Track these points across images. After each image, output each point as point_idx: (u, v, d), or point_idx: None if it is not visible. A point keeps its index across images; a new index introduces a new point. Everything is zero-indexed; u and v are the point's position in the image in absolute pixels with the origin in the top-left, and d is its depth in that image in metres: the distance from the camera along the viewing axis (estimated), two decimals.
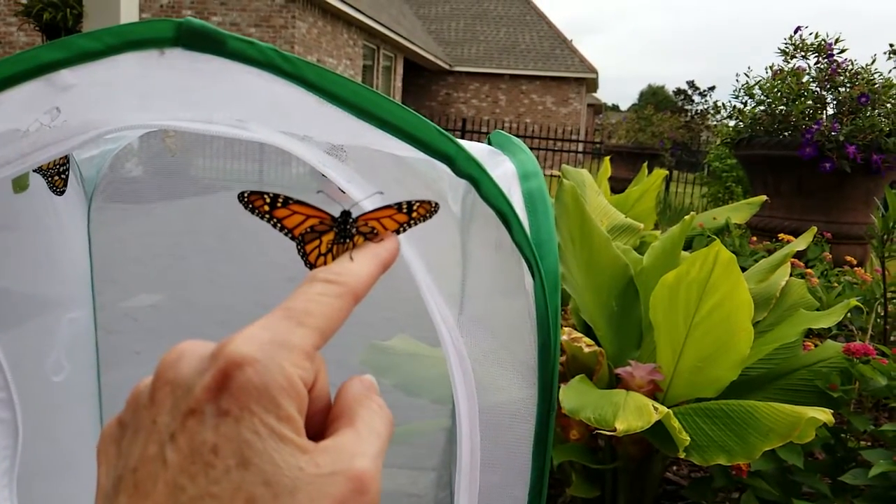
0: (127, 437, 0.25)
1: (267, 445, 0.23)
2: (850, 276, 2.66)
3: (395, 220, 0.36)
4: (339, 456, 0.24)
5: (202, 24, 0.47)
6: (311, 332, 0.27)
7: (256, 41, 0.48)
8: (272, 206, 0.36)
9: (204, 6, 10.98)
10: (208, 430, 0.23)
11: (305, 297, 0.28)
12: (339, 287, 0.29)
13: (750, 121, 3.60)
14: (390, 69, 15.89)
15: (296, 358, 0.25)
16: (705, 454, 1.07)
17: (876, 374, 1.28)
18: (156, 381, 0.26)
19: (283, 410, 0.24)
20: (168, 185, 1.05)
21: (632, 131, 10.10)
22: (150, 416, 0.25)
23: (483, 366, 0.60)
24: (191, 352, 0.26)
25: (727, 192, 7.78)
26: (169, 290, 1.28)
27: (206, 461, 0.23)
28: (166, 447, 0.23)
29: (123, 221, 1.11)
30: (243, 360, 0.24)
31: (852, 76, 3.44)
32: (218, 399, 0.23)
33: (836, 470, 1.32)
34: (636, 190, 2.50)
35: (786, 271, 1.54)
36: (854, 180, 3.26)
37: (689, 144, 11.46)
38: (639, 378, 1.27)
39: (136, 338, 1.16)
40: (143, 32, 0.46)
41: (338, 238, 0.36)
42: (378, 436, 0.26)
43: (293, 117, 0.54)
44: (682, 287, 1.20)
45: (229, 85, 0.50)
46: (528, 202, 0.57)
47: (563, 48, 19.98)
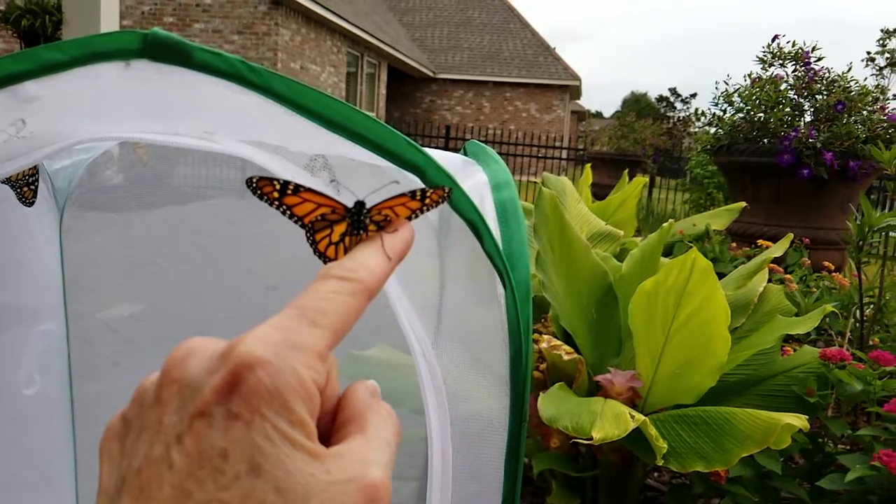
0: (131, 435, 0.25)
1: (279, 451, 0.22)
2: (828, 282, 2.69)
3: (408, 208, 0.35)
4: (352, 463, 0.24)
5: (168, 36, 0.47)
6: (324, 333, 0.26)
7: (223, 52, 0.48)
8: (282, 192, 0.35)
9: (186, 13, 10.95)
10: (217, 433, 0.22)
11: (318, 294, 0.27)
12: (353, 284, 0.28)
13: (729, 128, 3.64)
14: (374, 76, 15.89)
15: (308, 360, 0.24)
16: (683, 461, 1.07)
17: (852, 378, 1.29)
18: (162, 378, 0.25)
19: (295, 414, 0.23)
20: (148, 194, 1.04)
21: (614, 138, 10.17)
22: (156, 416, 0.24)
23: (458, 376, 0.60)
24: (200, 350, 0.25)
25: (709, 198, 7.85)
26: (148, 300, 1.26)
27: (215, 466, 0.22)
28: (172, 449, 0.22)
29: (102, 230, 1.10)
30: (255, 362, 0.23)
31: (829, 84, 3.48)
32: (228, 401, 0.23)
33: (814, 475, 1.33)
34: (617, 197, 2.51)
35: (763, 277, 1.56)
36: (831, 187, 3.30)
37: (672, 151, 11.57)
38: (618, 385, 1.27)
39: (115, 348, 1.15)
40: (108, 44, 0.46)
41: (351, 229, 0.35)
42: (388, 444, 0.26)
43: (263, 129, 0.53)
44: (659, 294, 1.21)
45: (197, 96, 0.49)
46: (500, 213, 0.57)
47: (547, 56, 20.09)
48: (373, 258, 0.31)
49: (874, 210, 1.72)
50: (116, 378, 1.12)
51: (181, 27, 10.99)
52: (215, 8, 10.88)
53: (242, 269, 1.39)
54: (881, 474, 1.13)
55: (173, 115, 0.49)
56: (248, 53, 10.84)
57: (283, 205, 0.35)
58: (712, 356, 1.21)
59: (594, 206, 2.47)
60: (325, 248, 0.36)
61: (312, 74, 12.14)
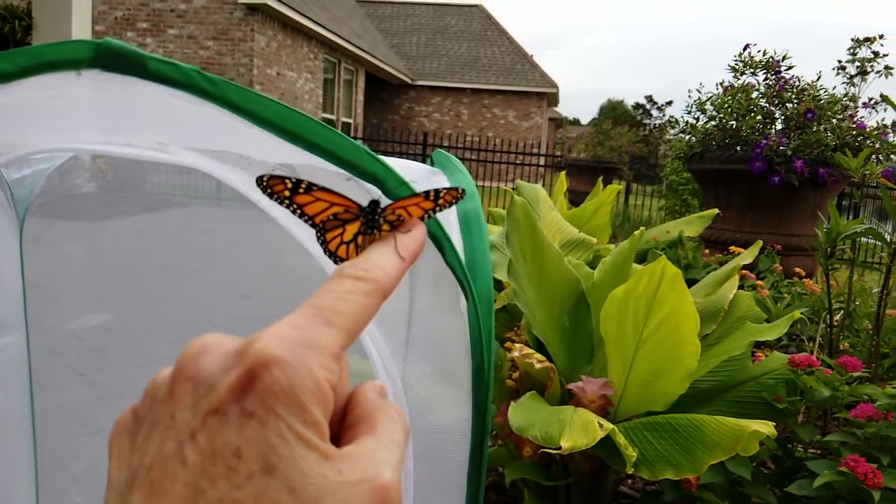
0: (142, 430, 0.24)
1: (293, 451, 0.22)
2: (799, 288, 2.72)
3: (421, 208, 0.35)
4: (363, 464, 0.24)
5: (120, 46, 0.46)
6: (338, 332, 0.25)
7: (178, 62, 0.47)
8: (293, 191, 0.35)
9: (160, 19, 10.85)
10: (231, 431, 0.22)
11: (333, 294, 0.27)
12: (367, 284, 0.28)
13: (702, 136, 3.68)
14: (352, 83, 15.87)
15: (323, 359, 0.24)
16: (654, 469, 1.08)
17: (819, 384, 1.31)
18: (176, 374, 0.24)
19: (309, 414, 0.23)
20: (121, 202, 1.03)
21: (591, 145, 10.24)
22: (169, 412, 0.23)
23: (423, 387, 0.59)
24: (214, 346, 0.25)
25: (684, 204, 7.93)
26: (118, 309, 1.24)
27: (229, 464, 0.22)
28: (185, 446, 0.22)
29: (72, 239, 1.08)
30: (271, 360, 0.23)
31: (799, 92, 3.54)
32: (242, 400, 0.22)
33: (784, 480, 1.34)
34: (591, 204, 2.53)
35: (734, 284, 1.57)
36: (802, 193, 3.34)
37: (648, 158, 11.68)
38: (590, 393, 1.28)
39: (82, 359, 1.13)
40: (58, 53, 0.45)
41: (365, 228, 0.34)
42: (398, 445, 0.26)
43: (219, 139, 0.53)
44: (630, 302, 1.21)
45: (151, 107, 0.48)
46: (462, 223, 0.57)
47: (525, 63, 20.20)
48: (387, 258, 0.31)
49: (846, 216, 1.74)
50: (82, 389, 1.10)
51: (155, 33, 10.89)
52: (190, 14, 10.80)
53: (216, 277, 1.37)
54: (848, 480, 1.15)
55: (127, 126, 0.48)
56: (224, 59, 10.77)
57: (294, 203, 0.35)
58: (682, 363, 1.22)
59: (569, 214, 2.48)
60: (336, 248, 0.35)
61: (289, 81, 12.09)
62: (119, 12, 10.97)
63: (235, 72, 10.75)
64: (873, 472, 1.11)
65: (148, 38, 10.91)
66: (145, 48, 11.62)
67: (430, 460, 0.57)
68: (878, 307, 1.85)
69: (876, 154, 3.27)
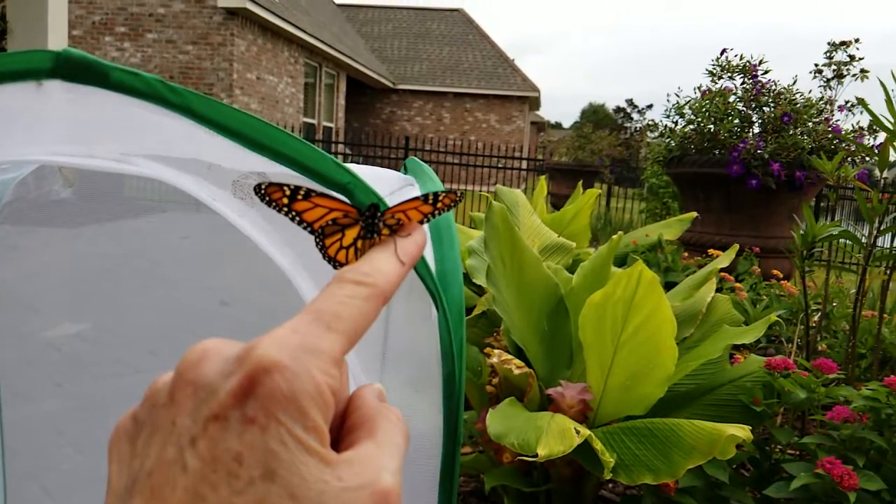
0: (143, 435, 0.24)
1: (293, 457, 0.22)
2: (777, 290, 2.75)
3: (420, 212, 0.35)
4: (364, 469, 0.23)
5: (82, 56, 0.45)
6: (340, 338, 0.25)
7: (141, 72, 0.47)
8: (292, 198, 0.35)
9: (138, 23, 10.76)
10: (232, 437, 0.22)
11: (335, 299, 0.27)
12: (368, 289, 0.28)
13: (680, 139, 3.71)
14: (333, 87, 15.83)
15: (325, 365, 0.24)
16: (632, 473, 1.08)
17: (796, 387, 1.32)
18: (176, 379, 0.24)
19: (310, 420, 0.23)
20: (98, 208, 1.01)
21: (572, 149, 10.29)
22: (169, 417, 0.23)
23: (396, 397, 0.59)
24: (215, 352, 0.25)
25: (664, 207, 8.00)
26: (95, 318, 1.23)
27: (230, 470, 0.22)
28: (186, 452, 0.22)
29: (49, 246, 1.06)
30: (272, 366, 0.23)
31: (776, 96, 3.58)
32: (243, 405, 0.22)
33: (762, 483, 1.35)
34: (571, 208, 2.54)
35: (711, 287, 1.58)
36: (779, 196, 3.38)
37: (629, 161, 11.76)
38: (569, 398, 1.28)
39: (58, 369, 1.11)
40: (17, 63, 0.44)
41: (364, 233, 0.35)
42: (399, 449, 0.26)
43: (189, 147, 0.52)
44: (608, 306, 1.22)
45: (114, 117, 0.48)
46: (433, 232, 0.56)
47: (506, 67, 20.27)
48: (387, 262, 0.31)
49: (824, 218, 1.76)
50: (58, 400, 1.09)
51: (133, 37, 10.79)
52: (169, 18, 10.72)
53: (194, 284, 1.36)
54: (825, 482, 1.15)
55: (89, 137, 0.47)
56: (203, 64, 10.69)
57: (293, 211, 0.35)
58: (660, 367, 1.22)
59: (549, 218, 2.48)
60: (335, 253, 0.35)
61: (269, 85, 12.03)
62: (96, 17, 10.87)
63: (215, 76, 10.68)
64: (849, 474, 1.12)
65: (126, 43, 10.81)
66: (123, 53, 11.48)
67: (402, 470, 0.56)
68: (854, 308, 1.87)
69: (851, 157, 3.32)
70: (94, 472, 1.05)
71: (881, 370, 1.96)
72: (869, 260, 1.78)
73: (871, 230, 1.78)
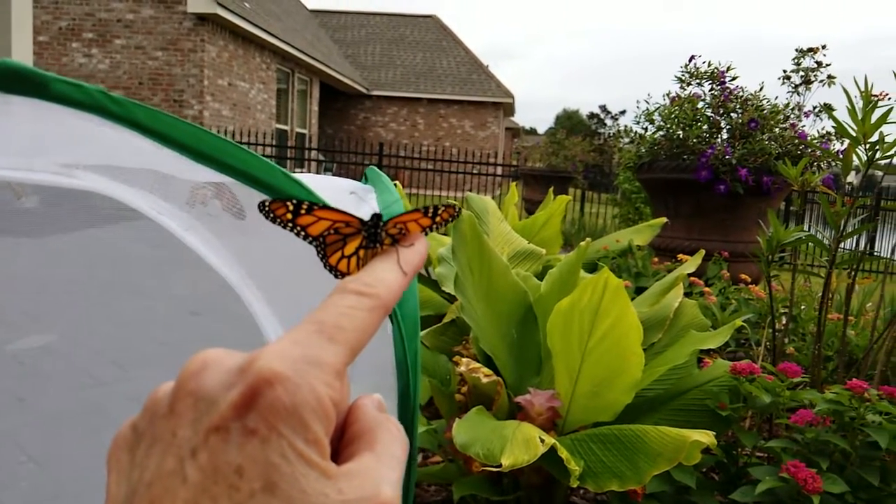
0: (142, 446, 0.24)
1: (294, 470, 0.22)
2: (745, 294, 2.78)
3: (420, 224, 0.35)
4: (364, 482, 0.23)
5: (21, 66, 0.44)
6: (342, 349, 0.25)
7: (83, 83, 0.45)
8: (295, 213, 0.35)
9: (106, 29, 10.61)
10: (233, 449, 0.22)
11: (337, 310, 0.27)
12: (371, 300, 0.28)
13: (650, 145, 3.74)
14: (306, 93, 15.75)
15: (327, 377, 0.24)
16: (599, 480, 1.08)
17: (761, 391, 1.33)
18: (177, 390, 0.24)
19: (311, 433, 0.23)
20: (65, 217, 0.99)
21: (545, 155, 10.35)
22: (170, 428, 0.23)
23: None
24: (216, 362, 0.24)
25: (637, 212, 8.07)
26: (61, 330, 1.20)
27: (230, 482, 0.21)
28: (186, 463, 0.22)
29: (14, 257, 1.04)
30: (274, 378, 0.23)
31: (743, 102, 3.63)
32: (244, 417, 0.22)
33: (730, 487, 1.36)
34: (542, 215, 2.54)
35: (678, 293, 1.59)
36: (747, 201, 3.42)
37: (602, 166, 11.85)
38: (538, 405, 1.27)
39: (22, 383, 1.08)
40: None
41: (367, 242, 0.34)
42: (398, 461, 0.25)
43: (140, 157, 0.51)
44: (575, 313, 1.22)
45: (55, 129, 0.46)
46: None
47: (480, 73, 20.35)
48: (390, 273, 0.31)
49: (793, 222, 1.79)
50: (21, 415, 1.06)
51: (101, 43, 10.63)
52: (138, 24, 10.58)
53: (164, 294, 1.33)
54: (790, 485, 1.16)
55: (29, 149, 0.46)
56: (174, 70, 10.57)
57: (298, 226, 0.35)
58: (627, 374, 1.22)
59: (520, 225, 2.49)
60: (336, 262, 0.35)
61: (241, 91, 11.93)
62: (63, 22, 10.70)
63: (185, 82, 10.57)
64: (813, 478, 1.13)
65: (94, 49, 10.66)
66: (91, 59, 11.31)
67: None
68: (820, 312, 1.90)
69: (817, 162, 3.37)
70: (56, 489, 1.02)
71: (847, 372, 1.98)
72: (834, 263, 1.81)
73: (835, 234, 1.81)
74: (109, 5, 10.60)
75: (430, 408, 1.77)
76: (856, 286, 2.44)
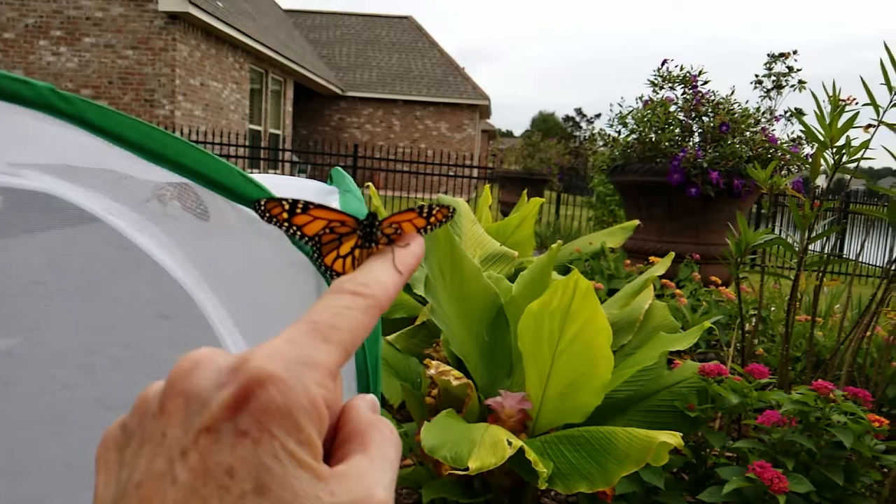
0: (132, 446, 0.24)
1: (286, 471, 0.21)
2: (715, 295, 2.81)
3: (414, 224, 0.35)
4: (356, 484, 0.23)
5: None
6: (336, 349, 0.25)
7: (32, 81, 0.44)
8: (291, 213, 0.34)
9: (75, 27, 10.43)
10: (224, 450, 0.21)
11: (331, 310, 0.26)
12: (366, 300, 0.28)
13: (623, 148, 3.77)
14: (280, 93, 15.63)
15: (320, 377, 0.23)
16: (568, 482, 1.08)
17: (728, 392, 1.34)
18: (167, 389, 0.24)
19: (303, 434, 0.22)
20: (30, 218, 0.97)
21: (521, 157, 10.38)
22: (160, 428, 0.23)
23: None
24: (208, 362, 0.24)
25: (611, 215, 8.13)
26: (26, 333, 1.17)
27: (220, 483, 0.21)
28: (176, 464, 0.22)
29: None
30: (267, 378, 0.22)
31: (714, 106, 3.67)
32: (236, 418, 0.22)
33: (699, 488, 1.37)
34: (515, 217, 2.55)
35: (648, 295, 1.60)
36: (718, 204, 3.46)
37: (578, 169, 11.93)
38: (508, 408, 1.27)
39: None
40: None
41: (362, 242, 0.34)
42: (391, 463, 0.25)
43: (97, 157, 0.49)
44: (545, 316, 1.22)
45: (4, 127, 0.45)
46: None
47: (456, 75, 20.37)
48: (385, 273, 0.31)
49: (764, 224, 1.81)
50: None
51: (70, 41, 10.44)
52: (107, 22, 10.41)
53: (131, 296, 1.31)
54: (756, 485, 1.17)
55: None
56: (144, 69, 10.42)
57: (294, 226, 0.35)
58: (597, 375, 1.23)
59: (493, 227, 2.49)
60: (331, 262, 0.35)
61: (213, 91, 11.80)
62: (30, 19, 10.49)
63: (157, 82, 10.42)
64: (779, 478, 1.14)
65: (62, 47, 10.46)
66: (59, 57, 11.11)
67: None
68: (787, 313, 1.92)
69: (787, 165, 3.43)
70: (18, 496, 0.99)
71: (815, 373, 2.01)
72: (801, 265, 1.83)
73: (803, 236, 1.83)
74: (78, 2, 10.42)
75: (402, 410, 1.76)
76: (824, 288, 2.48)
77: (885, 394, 1.82)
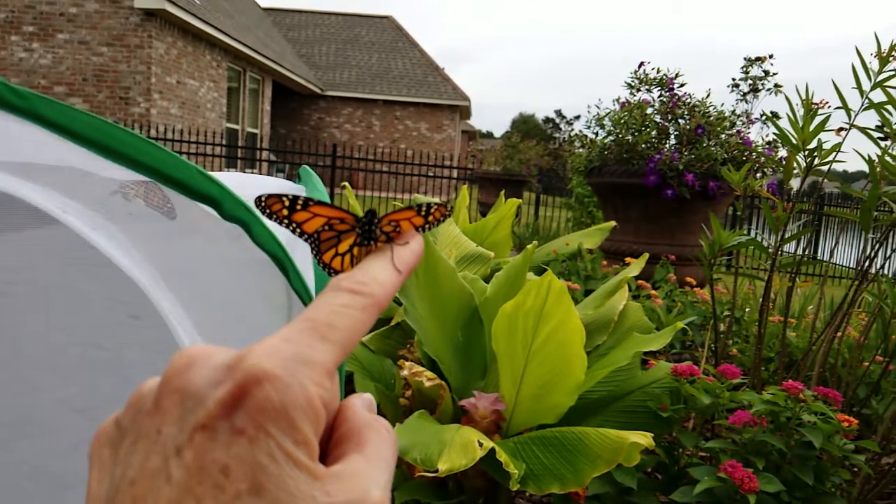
0: (126, 442, 0.23)
1: (282, 471, 0.21)
2: (690, 296, 2.84)
3: (413, 223, 0.35)
4: (352, 485, 0.23)
5: None
6: (333, 348, 0.24)
7: None
8: (291, 209, 0.34)
9: (48, 23, 10.27)
10: (219, 448, 0.21)
11: (330, 308, 0.26)
12: (364, 299, 0.27)
13: (600, 150, 3.79)
14: (258, 92, 15.52)
15: (317, 376, 0.23)
16: (540, 483, 1.08)
17: (700, 392, 1.35)
18: (163, 386, 0.23)
19: (300, 433, 0.22)
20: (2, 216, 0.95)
21: (500, 158, 10.41)
22: (154, 425, 0.23)
23: None
24: (204, 359, 0.24)
25: (590, 216, 8.18)
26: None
27: (216, 482, 0.21)
28: (171, 461, 0.21)
29: None
30: (263, 376, 0.22)
31: (691, 109, 3.71)
32: (232, 416, 0.21)
33: (671, 488, 1.37)
34: (492, 218, 2.55)
35: (623, 295, 1.61)
36: (693, 206, 3.49)
37: (557, 170, 11.99)
38: (482, 409, 1.27)
39: None
40: None
41: (361, 239, 0.34)
42: (387, 463, 0.25)
43: (56, 154, 0.48)
44: (519, 316, 1.21)
45: None
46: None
47: (436, 76, 20.36)
48: (384, 271, 0.30)
49: (739, 226, 1.82)
50: None
51: (43, 37, 10.28)
52: (81, 18, 10.26)
53: (103, 297, 1.29)
54: (727, 485, 1.18)
55: None
56: (119, 66, 10.29)
57: (294, 222, 0.35)
58: (570, 376, 1.23)
59: (470, 228, 2.49)
60: (330, 259, 0.35)
61: (190, 89, 11.68)
62: (1, 14, 10.30)
63: (132, 79, 10.29)
64: (749, 477, 1.15)
65: (35, 44, 10.29)
66: (32, 54, 10.93)
67: None
68: (760, 314, 1.94)
69: (762, 168, 3.47)
70: None
71: (787, 373, 2.03)
72: (774, 266, 1.85)
73: (776, 238, 1.85)
74: None
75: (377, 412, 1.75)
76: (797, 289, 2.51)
77: (856, 394, 1.84)
